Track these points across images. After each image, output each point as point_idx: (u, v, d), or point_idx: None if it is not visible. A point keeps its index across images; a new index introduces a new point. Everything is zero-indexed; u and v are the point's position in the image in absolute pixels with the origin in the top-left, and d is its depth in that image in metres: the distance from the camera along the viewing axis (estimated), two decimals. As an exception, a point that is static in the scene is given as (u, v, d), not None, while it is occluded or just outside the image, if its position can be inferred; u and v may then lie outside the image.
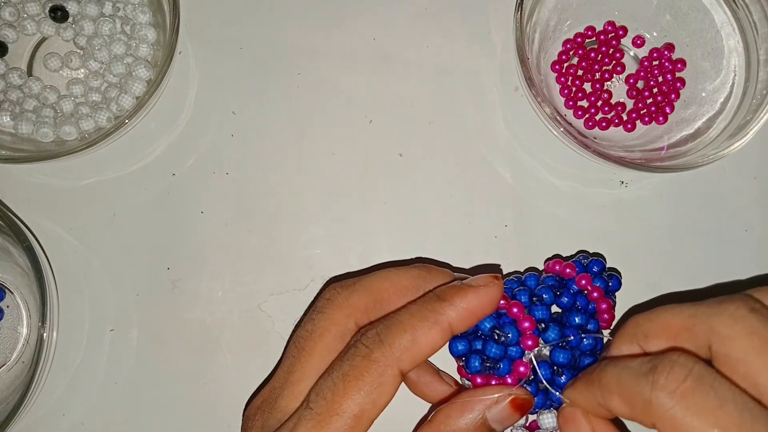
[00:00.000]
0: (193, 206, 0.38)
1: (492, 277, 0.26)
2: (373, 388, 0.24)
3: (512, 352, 0.26)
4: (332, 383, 0.24)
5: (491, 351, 0.26)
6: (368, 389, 0.24)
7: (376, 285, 0.27)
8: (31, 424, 0.36)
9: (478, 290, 0.25)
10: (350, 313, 0.26)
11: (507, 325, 0.27)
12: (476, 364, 0.26)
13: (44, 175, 0.39)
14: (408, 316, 0.25)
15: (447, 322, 0.25)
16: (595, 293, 0.29)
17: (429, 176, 0.39)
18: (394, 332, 0.24)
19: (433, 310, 0.25)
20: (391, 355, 0.24)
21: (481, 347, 0.26)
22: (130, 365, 0.37)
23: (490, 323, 0.27)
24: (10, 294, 0.38)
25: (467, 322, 0.25)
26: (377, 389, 0.24)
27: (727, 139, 0.35)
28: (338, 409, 0.23)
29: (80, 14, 0.39)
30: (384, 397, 0.24)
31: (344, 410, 0.23)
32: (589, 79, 0.40)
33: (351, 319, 0.26)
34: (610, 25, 0.40)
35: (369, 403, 0.24)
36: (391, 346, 0.24)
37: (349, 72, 0.40)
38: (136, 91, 0.38)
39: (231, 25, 0.40)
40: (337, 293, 0.27)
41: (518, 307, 0.27)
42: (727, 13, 0.38)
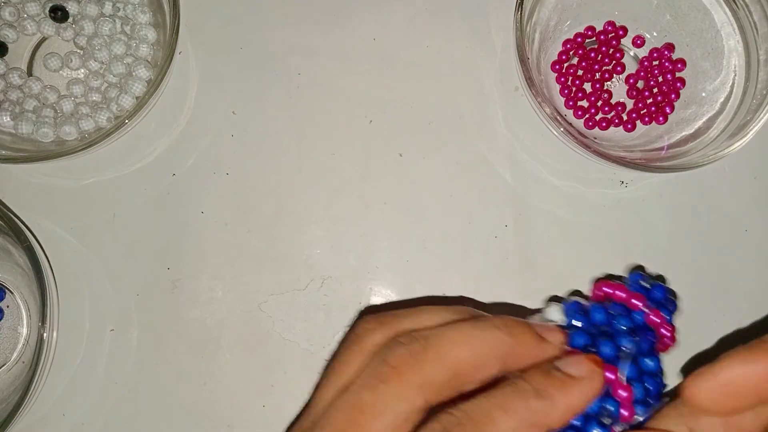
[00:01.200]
0: (193, 206, 0.38)
1: (593, 364, 0.23)
2: None
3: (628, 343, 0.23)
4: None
5: (605, 348, 0.23)
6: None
7: (453, 355, 0.22)
8: (31, 424, 0.36)
9: (581, 384, 0.22)
10: (422, 390, 0.21)
11: (607, 399, 0.23)
12: (609, 350, 0.23)
13: (44, 175, 0.39)
14: (501, 412, 0.21)
15: (547, 424, 0.21)
16: (658, 319, 0.25)
17: (429, 176, 0.39)
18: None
19: (532, 410, 0.21)
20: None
21: (606, 339, 0.24)
22: (130, 365, 0.37)
23: (597, 405, 0.23)
24: (10, 294, 0.38)
25: (566, 421, 0.22)
26: None
27: (727, 139, 0.35)
28: None
29: (80, 14, 0.39)
30: None
31: None
32: (589, 79, 0.40)
33: (422, 398, 0.21)
34: (610, 25, 0.40)
35: None
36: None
37: (349, 72, 0.40)
38: (136, 91, 0.38)
39: (231, 25, 0.40)
40: (404, 360, 0.22)
41: (613, 372, 0.23)
42: (727, 13, 0.38)
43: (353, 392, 0.22)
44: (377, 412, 0.21)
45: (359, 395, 0.22)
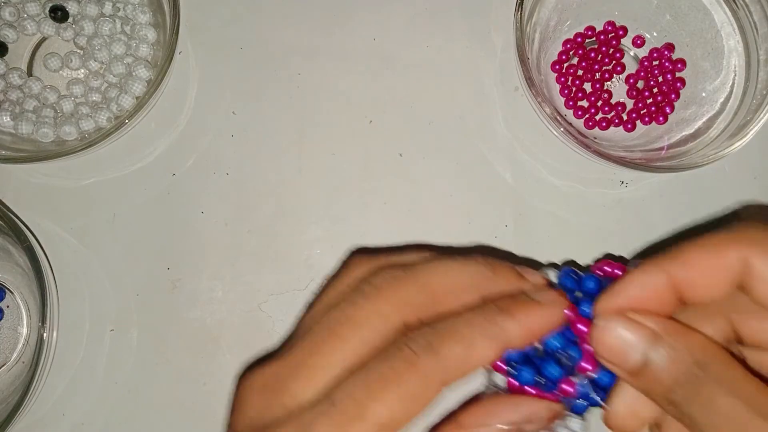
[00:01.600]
0: (193, 206, 0.38)
1: (559, 295, 0.24)
2: (411, 398, 0.21)
3: (569, 372, 0.24)
4: (366, 384, 0.21)
5: (551, 372, 0.24)
6: (405, 398, 0.21)
7: (433, 281, 0.23)
8: (31, 424, 0.36)
9: (544, 308, 0.23)
10: (400, 308, 0.23)
11: (572, 345, 0.24)
12: (529, 377, 0.24)
13: (44, 175, 0.39)
14: (465, 326, 0.22)
15: (506, 339, 0.22)
16: None
17: (429, 176, 0.39)
18: (448, 343, 0.22)
19: (494, 322, 0.22)
20: (438, 366, 0.21)
21: (538, 363, 0.24)
22: (130, 365, 0.37)
23: (559, 342, 0.24)
24: (10, 294, 0.38)
25: (526, 341, 0.23)
26: (414, 400, 0.21)
27: (727, 139, 0.35)
28: (366, 414, 0.21)
29: (80, 14, 0.39)
30: (418, 409, 0.21)
31: (372, 416, 0.21)
32: (589, 79, 0.40)
33: (399, 315, 0.23)
34: (610, 25, 0.40)
35: (401, 413, 0.21)
36: (441, 356, 0.21)
37: (349, 72, 0.40)
38: (136, 91, 0.38)
39: (231, 25, 0.40)
40: (387, 282, 0.23)
41: (586, 324, 0.24)
42: (727, 13, 0.38)
43: (337, 308, 0.23)
44: (356, 325, 0.22)
45: (341, 309, 0.23)
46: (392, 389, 0.21)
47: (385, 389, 0.21)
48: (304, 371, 0.23)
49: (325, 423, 0.21)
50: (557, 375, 0.24)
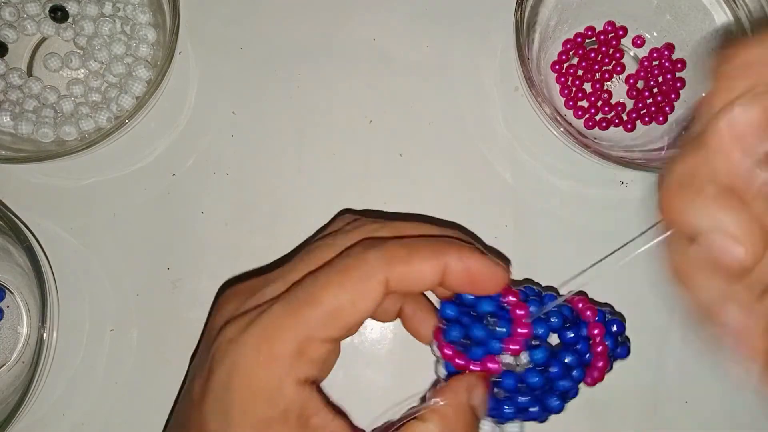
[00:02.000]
0: (193, 206, 0.38)
1: (499, 264, 0.25)
2: (356, 288, 0.23)
3: (494, 346, 0.25)
4: (316, 275, 0.24)
5: (475, 332, 0.25)
6: (351, 288, 0.23)
7: (405, 229, 0.26)
8: (31, 424, 0.36)
9: (486, 260, 0.25)
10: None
11: (503, 318, 0.26)
12: (455, 333, 0.26)
13: (44, 175, 0.39)
14: (413, 239, 0.25)
15: (445, 263, 0.24)
16: (600, 348, 0.27)
17: (429, 176, 0.39)
18: (394, 245, 0.24)
19: (438, 247, 0.24)
20: (383, 259, 0.23)
21: (468, 324, 0.26)
22: (130, 365, 0.37)
23: (489, 307, 0.26)
24: (10, 294, 0.38)
25: (462, 281, 0.25)
26: (359, 291, 0.23)
27: (727, 139, 0.35)
28: (314, 300, 0.23)
29: (80, 14, 0.39)
30: (364, 302, 0.23)
31: (321, 302, 0.23)
32: (589, 79, 0.40)
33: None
34: (610, 25, 0.40)
35: (348, 302, 0.23)
36: (386, 252, 0.24)
37: (349, 72, 0.40)
38: (136, 91, 0.38)
39: (231, 25, 0.40)
40: (363, 223, 0.26)
41: (516, 296, 0.26)
42: (727, 13, 0.38)
43: (341, 256, 0.25)
44: (329, 248, 0.26)
45: (317, 242, 0.27)
46: (338, 278, 0.23)
47: (332, 278, 0.23)
48: (277, 281, 0.25)
49: (278, 308, 0.23)
50: (480, 335, 0.25)
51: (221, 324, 0.25)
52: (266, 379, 0.23)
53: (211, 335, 0.26)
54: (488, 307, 0.26)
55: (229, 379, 0.23)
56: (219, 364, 0.24)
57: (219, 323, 0.26)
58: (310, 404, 0.23)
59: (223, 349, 0.24)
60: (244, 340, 0.23)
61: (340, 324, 0.23)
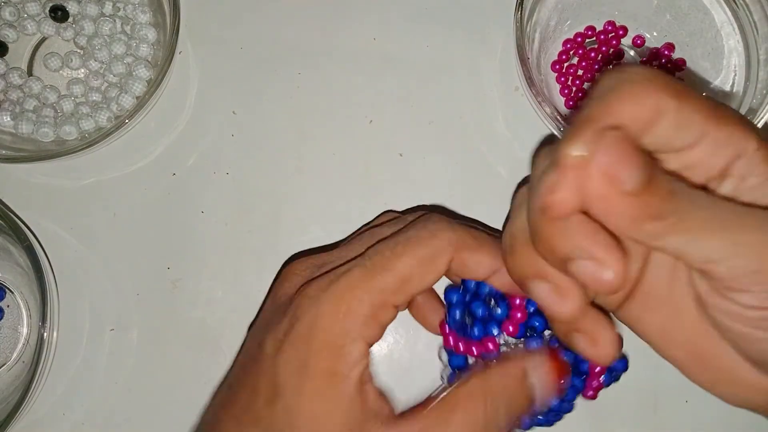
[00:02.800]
0: (193, 206, 0.38)
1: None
2: (427, 261, 0.25)
3: (491, 326, 0.27)
4: (393, 244, 0.26)
5: (474, 309, 0.27)
6: (423, 260, 0.25)
7: (479, 260, 0.27)
8: (31, 424, 0.36)
9: (494, 247, 0.27)
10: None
11: (502, 302, 0.27)
12: (458, 313, 0.27)
13: (44, 175, 0.39)
14: (480, 231, 0.27)
15: (493, 253, 0.26)
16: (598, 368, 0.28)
17: (429, 176, 0.39)
18: (465, 230, 0.26)
19: (489, 241, 0.27)
20: (454, 240, 0.26)
21: (469, 302, 0.27)
22: (130, 365, 0.37)
23: (489, 288, 0.28)
24: (10, 294, 0.38)
25: (504, 285, 0.26)
26: (430, 263, 0.25)
27: (727, 139, 0.35)
28: (391, 267, 0.25)
29: (80, 14, 0.39)
30: (431, 274, 0.25)
31: (396, 269, 0.25)
32: (589, 79, 0.40)
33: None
34: (610, 25, 0.40)
35: (418, 273, 0.25)
36: (458, 234, 0.26)
37: (349, 72, 0.40)
38: (136, 91, 0.38)
39: (231, 25, 0.40)
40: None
41: (521, 299, 0.27)
42: (727, 13, 0.38)
43: (403, 231, 0.27)
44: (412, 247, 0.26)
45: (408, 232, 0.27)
46: (412, 250, 0.25)
47: (407, 249, 0.25)
48: (344, 255, 0.27)
49: (356, 272, 0.25)
50: (481, 313, 0.27)
51: (296, 287, 0.27)
52: (342, 334, 0.24)
53: (282, 299, 0.28)
54: (487, 289, 0.28)
55: (310, 331, 0.25)
56: (301, 318, 0.25)
57: (290, 288, 0.27)
58: (368, 370, 0.25)
59: (305, 304, 0.25)
60: (326, 297, 0.25)
61: (409, 292, 0.25)
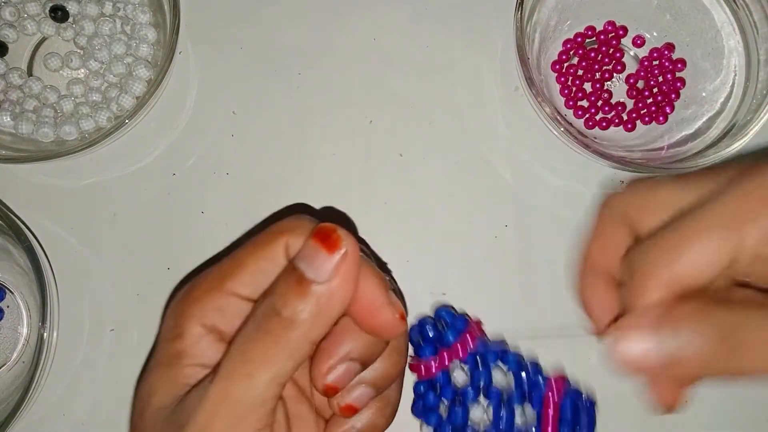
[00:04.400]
0: (193, 206, 0.38)
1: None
2: (259, 245, 0.25)
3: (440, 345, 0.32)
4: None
5: (426, 330, 0.33)
6: (255, 245, 0.26)
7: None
8: (31, 424, 0.36)
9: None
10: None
11: (455, 330, 0.32)
12: (415, 333, 0.33)
13: (44, 175, 0.39)
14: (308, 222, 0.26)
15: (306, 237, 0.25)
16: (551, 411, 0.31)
17: (429, 176, 0.39)
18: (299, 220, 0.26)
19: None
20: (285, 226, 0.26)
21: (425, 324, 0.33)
22: (130, 365, 0.37)
23: (448, 317, 0.33)
24: (10, 294, 0.38)
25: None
26: (262, 248, 0.25)
27: (727, 139, 0.35)
28: (230, 257, 0.26)
29: (80, 14, 0.39)
30: (264, 259, 0.25)
31: (232, 256, 0.26)
32: (589, 79, 0.40)
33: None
34: (610, 25, 0.40)
35: (252, 257, 0.25)
36: (288, 222, 0.26)
37: (349, 72, 0.40)
38: (136, 91, 0.38)
39: (231, 25, 0.40)
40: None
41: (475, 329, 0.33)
42: (727, 13, 0.38)
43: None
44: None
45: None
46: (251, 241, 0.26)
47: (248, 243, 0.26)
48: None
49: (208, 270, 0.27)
50: (432, 335, 0.32)
51: None
52: (181, 320, 0.25)
53: None
54: (447, 317, 0.33)
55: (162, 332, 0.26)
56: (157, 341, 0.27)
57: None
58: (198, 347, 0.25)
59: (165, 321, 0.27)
60: (172, 301, 0.26)
61: (241, 275, 0.25)
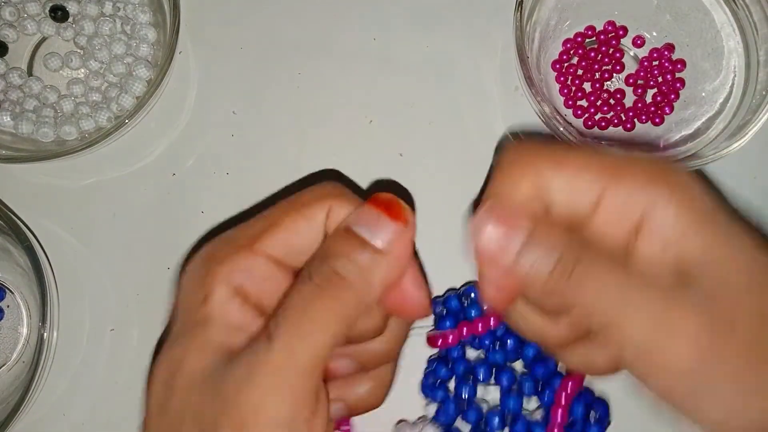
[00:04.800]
0: (193, 206, 0.38)
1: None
2: (297, 206, 0.25)
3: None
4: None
5: (450, 302, 0.34)
6: (292, 204, 0.25)
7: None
8: (31, 424, 0.36)
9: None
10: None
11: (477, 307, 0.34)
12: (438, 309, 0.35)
13: (44, 175, 0.39)
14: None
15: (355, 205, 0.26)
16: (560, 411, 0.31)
17: (429, 176, 0.39)
18: (341, 187, 0.27)
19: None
20: (326, 192, 0.26)
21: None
22: (130, 365, 0.37)
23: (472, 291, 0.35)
24: (10, 294, 0.38)
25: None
26: (300, 209, 0.25)
27: (727, 140, 0.35)
28: (261, 216, 0.24)
29: (80, 14, 0.39)
30: (301, 220, 0.25)
31: (265, 216, 0.24)
32: (589, 79, 0.40)
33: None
34: (610, 25, 0.40)
35: (290, 218, 0.24)
36: (329, 186, 0.27)
37: (349, 72, 0.40)
38: (136, 91, 0.38)
39: (231, 25, 0.40)
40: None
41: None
42: (727, 14, 0.38)
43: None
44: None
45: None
46: (286, 201, 0.25)
47: (281, 202, 0.25)
48: None
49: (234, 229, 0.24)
50: (455, 306, 0.33)
51: None
52: (205, 281, 0.23)
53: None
54: (473, 293, 0.33)
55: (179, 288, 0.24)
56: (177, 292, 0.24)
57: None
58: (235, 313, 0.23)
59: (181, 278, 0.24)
60: (190, 263, 0.24)
61: (276, 236, 0.23)
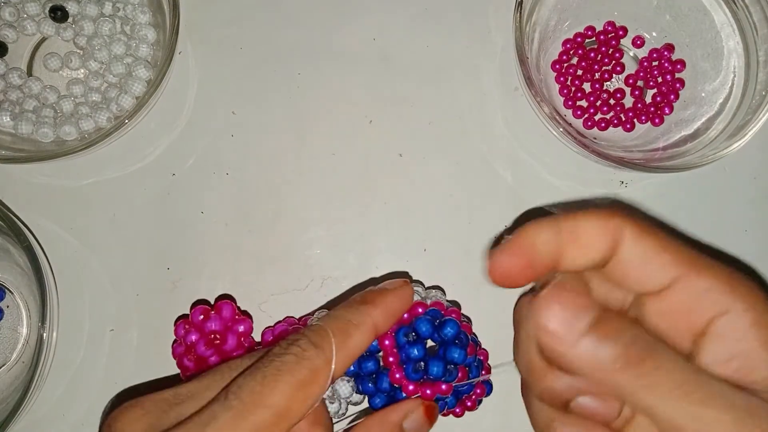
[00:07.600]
0: (193, 206, 0.38)
1: (403, 281, 0.28)
2: (305, 386, 0.23)
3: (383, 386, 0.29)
4: (261, 377, 0.23)
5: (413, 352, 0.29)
6: (300, 386, 0.23)
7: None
8: (31, 424, 0.36)
9: (396, 292, 0.27)
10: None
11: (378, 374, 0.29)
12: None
13: (44, 175, 0.39)
14: (334, 320, 0.25)
15: (373, 323, 0.26)
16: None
17: (429, 176, 0.39)
18: (325, 336, 0.24)
19: (361, 312, 0.26)
20: (324, 355, 0.24)
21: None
22: (130, 365, 0.37)
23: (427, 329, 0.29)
24: (10, 294, 0.38)
25: (389, 322, 0.27)
26: (309, 388, 0.23)
27: (727, 140, 0.35)
28: (264, 402, 0.22)
29: (80, 14, 0.39)
30: (313, 398, 0.23)
31: (271, 404, 0.22)
32: (589, 79, 0.40)
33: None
34: (610, 25, 0.40)
35: (298, 401, 0.23)
36: (324, 347, 0.24)
37: (349, 72, 0.40)
38: (136, 91, 0.38)
39: (231, 25, 0.40)
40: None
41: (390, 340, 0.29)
42: (727, 14, 0.38)
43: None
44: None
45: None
46: (286, 379, 0.23)
47: (278, 380, 0.22)
48: (197, 393, 0.24)
49: (225, 415, 0.22)
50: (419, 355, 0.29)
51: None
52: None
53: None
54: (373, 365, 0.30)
55: None
56: None
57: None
58: None
59: None
60: None
61: (287, 424, 0.22)
